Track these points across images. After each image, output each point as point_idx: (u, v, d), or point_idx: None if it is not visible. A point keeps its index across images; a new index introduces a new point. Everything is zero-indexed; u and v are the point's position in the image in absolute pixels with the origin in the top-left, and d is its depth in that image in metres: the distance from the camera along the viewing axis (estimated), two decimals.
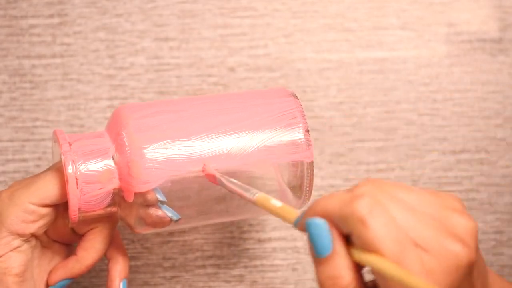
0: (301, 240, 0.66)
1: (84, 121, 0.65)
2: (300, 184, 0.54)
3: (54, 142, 0.55)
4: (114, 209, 0.53)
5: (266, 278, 0.66)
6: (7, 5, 0.66)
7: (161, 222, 0.53)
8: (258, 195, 0.49)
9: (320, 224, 0.42)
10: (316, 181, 0.66)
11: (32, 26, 0.66)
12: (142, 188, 0.51)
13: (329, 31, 0.67)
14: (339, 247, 0.42)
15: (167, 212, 0.53)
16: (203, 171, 0.52)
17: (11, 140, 0.65)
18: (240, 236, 0.66)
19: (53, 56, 0.66)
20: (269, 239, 0.66)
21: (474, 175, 0.66)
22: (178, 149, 0.52)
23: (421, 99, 0.67)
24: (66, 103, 0.66)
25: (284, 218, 0.46)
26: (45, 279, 0.56)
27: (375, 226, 0.41)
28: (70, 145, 0.52)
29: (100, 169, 0.52)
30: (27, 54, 0.66)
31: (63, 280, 0.55)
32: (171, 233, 0.65)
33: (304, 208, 0.45)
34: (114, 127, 0.53)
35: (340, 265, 0.42)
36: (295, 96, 0.56)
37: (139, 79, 0.66)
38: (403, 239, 0.41)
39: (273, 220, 0.66)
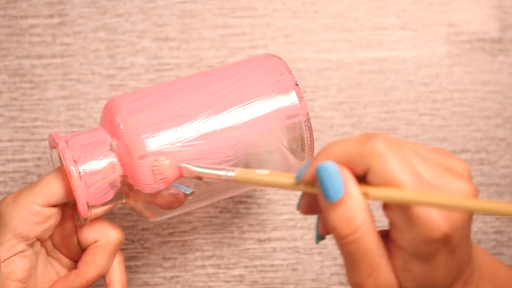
0: (301, 240, 0.66)
1: (84, 121, 0.65)
2: (301, 144, 0.54)
3: (51, 148, 0.55)
4: (122, 201, 0.53)
5: (266, 278, 0.66)
6: (7, 5, 0.66)
7: (176, 200, 0.53)
8: (237, 171, 0.48)
9: (332, 167, 0.43)
10: None
11: (32, 26, 0.66)
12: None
13: (329, 31, 0.67)
14: (352, 187, 0.43)
15: (178, 188, 0.52)
16: (154, 164, 0.51)
17: (11, 140, 0.65)
18: (240, 236, 0.66)
19: (53, 56, 0.66)
20: (269, 239, 0.66)
21: (474, 175, 0.66)
22: (175, 126, 0.52)
23: (421, 99, 0.67)
24: (66, 103, 0.66)
25: (279, 183, 0.45)
26: None
27: (394, 160, 0.42)
28: (66, 142, 0.52)
29: (100, 159, 0.52)
30: (27, 54, 0.66)
31: None
32: (171, 233, 0.65)
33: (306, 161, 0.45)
34: (108, 117, 0.53)
35: (354, 206, 0.43)
36: (278, 57, 0.56)
37: (139, 79, 0.66)
38: (419, 174, 0.42)
39: (273, 220, 0.66)
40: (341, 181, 0.42)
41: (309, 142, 0.54)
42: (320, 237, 0.47)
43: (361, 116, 0.66)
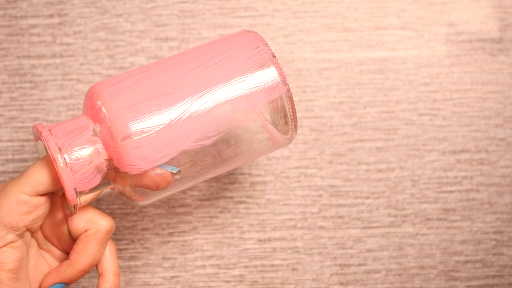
0: (301, 240, 0.66)
1: None
2: (284, 115, 0.54)
3: (36, 140, 0.55)
4: (110, 186, 0.53)
5: (266, 278, 0.66)
6: (7, 5, 0.66)
7: (163, 180, 0.53)
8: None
9: None
10: (316, 181, 0.66)
11: (32, 26, 0.66)
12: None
13: (329, 31, 0.67)
14: None
15: (165, 168, 0.52)
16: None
17: (11, 140, 0.65)
18: (240, 236, 0.66)
19: (53, 56, 0.66)
20: (269, 239, 0.66)
21: (474, 175, 0.66)
22: (156, 105, 0.52)
23: (421, 99, 0.67)
24: (66, 103, 0.66)
25: None
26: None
27: None
28: (50, 131, 0.52)
29: (85, 144, 0.52)
30: (27, 54, 0.66)
31: (55, 284, 0.54)
32: (171, 233, 0.65)
33: None
34: (89, 103, 0.53)
35: None
36: (254, 32, 0.56)
37: None
38: None
39: (273, 220, 0.66)
40: None
41: (291, 114, 0.54)
42: None
43: (361, 116, 0.66)
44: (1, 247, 0.52)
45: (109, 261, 0.55)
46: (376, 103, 0.66)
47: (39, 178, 0.52)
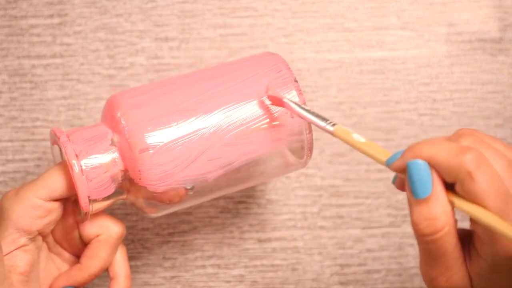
0: (301, 240, 0.66)
1: (84, 121, 0.65)
2: (300, 142, 0.55)
3: (52, 144, 0.55)
4: (123, 196, 0.53)
5: (266, 278, 0.66)
6: (7, 5, 0.66)
7: (177, 195, 0.53)
8: (336, 127, 0.49)
9: (423, 166, 0.44)
10: (316, 181, 0.66)
11: (32, 26, 0.66)
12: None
13: (329, 31, 0.67)
14: (439, 190, 0.44)
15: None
16: (266, 92, 0.53)
17: (11, 140, 0.65)
18: (240, 236, 0.66)
19: (53, 56, 0.66)
20: (269, 239, 0.66)
21: None
22: (175, 120, 0.52)
23: (421, 99, 0.67)
24: (66, 103, 0.66)
25: (370, 155, 0.47)
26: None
27: (482, 181, 0.43)
28: (68, 137, 0.52)
29: (102, 153, 0.52)
30: (27, 54, 0.66)
31: (65, 287, 0.55)
32: (171, 233, 0.65)
33: (400, 149, 0.46)
34: (109, 113, 0.53)
35: (438, 208, 0.44)
36: (277, 54, 0.56)
37: (139, 79, 0.66)
38: (505, 193, 0.43)
39: (273, 220, 0.66)
40: (430, 181, 0.44)
41: (308, 140, 0.55)
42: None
43: (361, 116, 0.66)
44: (14, 250, 0.52)
45: (120, 264, 0.56)
46: (376, 103, 0.66)
47: (54, 183, 0.52)
